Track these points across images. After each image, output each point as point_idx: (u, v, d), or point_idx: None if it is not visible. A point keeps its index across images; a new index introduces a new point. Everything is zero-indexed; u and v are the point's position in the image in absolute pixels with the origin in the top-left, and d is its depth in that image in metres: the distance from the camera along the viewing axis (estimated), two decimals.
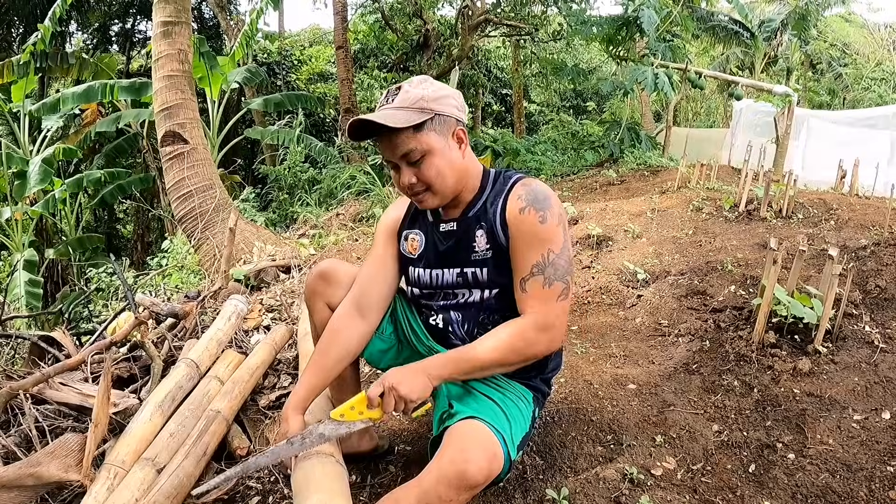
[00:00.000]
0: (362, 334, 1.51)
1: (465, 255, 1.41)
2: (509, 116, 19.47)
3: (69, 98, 8.73)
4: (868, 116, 9.91)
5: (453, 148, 1.36)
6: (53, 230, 10.47)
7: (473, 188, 1.42)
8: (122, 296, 5.02)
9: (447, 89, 1.36)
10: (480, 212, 1.40)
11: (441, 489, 1.15)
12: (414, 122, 1.29)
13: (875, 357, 2.01)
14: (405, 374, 1.29)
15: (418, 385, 1.28)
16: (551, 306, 1.32)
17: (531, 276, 1.32)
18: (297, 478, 1.35)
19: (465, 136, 1.38)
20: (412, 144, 1.31)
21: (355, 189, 7.87)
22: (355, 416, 1.30)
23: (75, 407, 1.96)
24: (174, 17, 4.68)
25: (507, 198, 1.37)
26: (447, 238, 1.44)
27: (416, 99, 1.31)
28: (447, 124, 1.34)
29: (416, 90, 1.33)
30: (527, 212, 1.33)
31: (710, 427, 1.78)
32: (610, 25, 9.52)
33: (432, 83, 1.36)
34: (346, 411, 1.30)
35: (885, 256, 2.93)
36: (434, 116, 1.32)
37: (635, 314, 2.83)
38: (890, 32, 20.81)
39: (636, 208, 4.87)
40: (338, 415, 1.30)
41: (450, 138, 1.35)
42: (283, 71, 14.83)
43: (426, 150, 1.31)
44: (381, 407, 1.30)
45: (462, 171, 1.38)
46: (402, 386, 1.26)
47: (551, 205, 1.33)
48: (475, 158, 1.45)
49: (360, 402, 1.30)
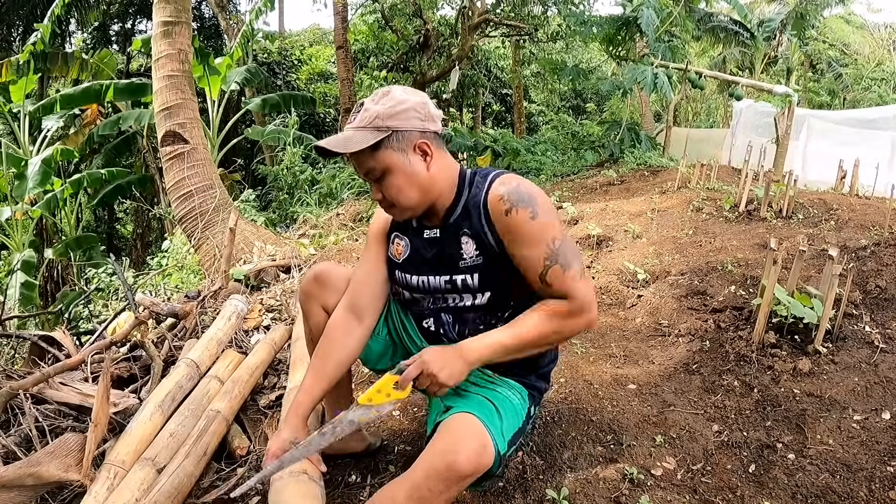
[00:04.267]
0: (360, 338, 1.51)
1: (452, 263, 1.40)
2: (509, 116, 19.48)
3: (66, 99, 8.74)
4: (868, 117, 9.91)
5: (415, 162, 1.33)
6: (53, 230, 10.46)
7: (449, 195, 1.39)
8: (122, 296, 5.03)
9: (408, 101, 1.32)
10: (462, 218, 1.38)
11: (431, 481, 1.16)
12: (368, 144, 1.28)
13: (875, 357, 2.02)
14: (445, 360, 1.27)
15: (457, 370, 1.27)
16: (579, 286, 1.31)
17: (548, 269, 1.31)
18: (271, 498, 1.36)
19: (430, 148, 1.34)
20: (371, 164, 1.31)
21: (355, 189, 7.87)
22: (383, 399, 1.28)
23: (75, 407, 1.97)
24: (174, 16, 4.68)
25: (487, 199, 1.33)
26: (431, 245, 1.43)
27: (373, 117, 1.29)
28: (407, 139, 1.31)
29: (374, 107, 1.30)
30: (514, 212, 1.30)
31: (710, 427, 1.78)
32: (610, 25, 9.52)
33: (392, 96, 1.32)
34: (373, 395, 1.28)
35: (885, 256, 2.93)
36: (391, 133, 1.29)
37: (635, 314, 2.83)
38: (890, 33, 20.83)
39: (636, 208, 4.87)
40: (366, 399, 1.28)
41: (411, 153, 1.32)
42: (283, 71, 14.83)
43: (385, 169, 1.31)
44: (408, 389, 1.28)
45: (427, 183, 1.34)
46: (442, 372, 1.25)
47: (535, 198, 1.31)
48: (448, 165, 1.40)
49: (385, 384, 1.28)
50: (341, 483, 1.66)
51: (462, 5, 13.11)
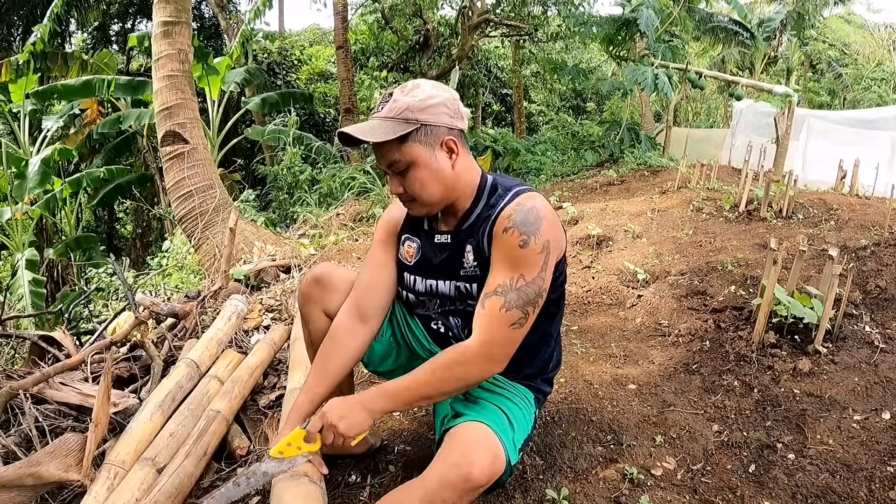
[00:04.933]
0: (363, 340, 1.49)
1: (457, 270, 1.39)
2: (509, 116, 19.47)
3: (66, 90, 8.73)
4: (868, 117, 9.91)
5: (441, 159, 1.31)
6: (53, 230, 10.46)
7: (469, 198, 1.38)
8: (122, 296, 5.03)
9: (439, 96, 1.30)
10: (474, 225, 1.36)
11: (445, 492, 1.16)
12: (396, 135, 1.26)
13: (875, 357, 2.02)
14: (345, 410, 1.27)
15: (358, 421, 1.27)
16: (501, 332, 1.26)
17: (493, 295, 1.27)
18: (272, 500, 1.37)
19: (456, 146, 1.32)
20: (396, 156, 1.28)
21: (355, 189, 7.87)
22: (294, 452, 1.30)
23: (75, 407, 1.97)
24: (174, 16, 4.69)
25: (500, 214, 1.30)
26: (441, 250, 1.42)
27: (403, 108, 1.27)
28: (435, 134, 1.29)
29: (404, 98, 1.28)
30: (510, 232, 1.26)
31: (710, 427, 1.78)
32: (610, 26, 9.52)
33: (423, 90, 1.30)
34: (283, 448, 1.30)
35: (885, 256, 2.93)
36: (420, 127, 1.27)
37: (635, 314, 2.83)
38: (890, 32, 20.83)
39: (636, 208, 4.87)
40: (276, 452, 1.30)
41: (437, 149, 1.30)
42: (283, 71, 14.83)
43: (410, 162, 1.29)
44: (318, 441, 1.29)
45: (451, 181, 1.33)
46: (342, 423, 1.25)
47: (539, 229, 1.26)
48: (472, 167, 1.38)
49: (296, 437, 1.30)
50: (341, 483, 1.66)
51: (462, 5, 13.11)
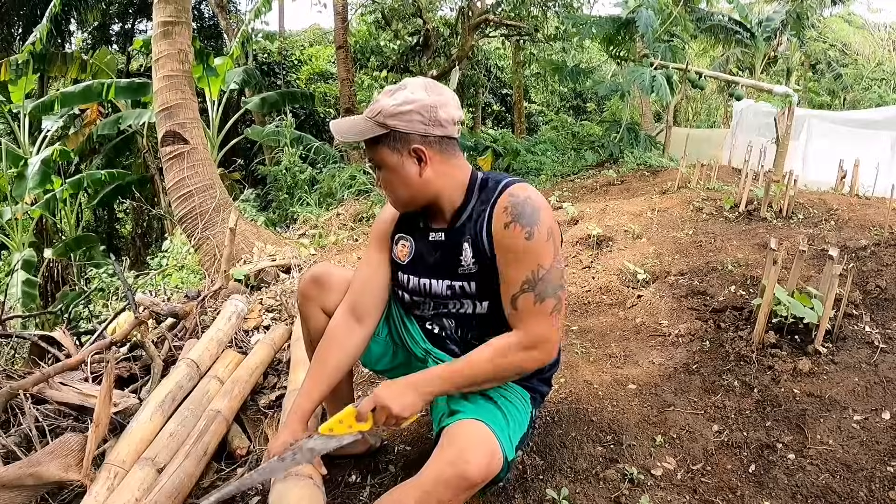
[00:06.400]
0: (360, 340, 1.50)
1: (453, 268, 1.38)
2: (509, 116, 19.47)
3: (67, 98, 8.73)
4: (868, 117, 9.90)
5: (408, 166, 1.31)
6: (53, 230, 10.46)
7: (459, 197, 1.38)
8: (122, 296, 5.02)
9: (416, 102, 1.28)
10: (468, 222, 1.36)
11: (441, 490, 1.16)
12: (364, 137, 1.30)
13: (875, 357, 2.02)
14: (396, 392, 1.28)
15: (409, 402, 1.27)
16: (545, 322, 1.28)
17: (522, 293, 1.28)
18: (272, 500, 1.36)
19: (426, 155, 1.30)
20: (370, 153, 1.35)
21: (355, 189, 7.87)
22: (344, 430, 1.30)
23: (75, 407, 1.97)
24: (174, 17, 4.69)
25: (494, 208, 1.31)
26: (435, 248, 1.42)
27: (377, 112, 1.30)
28: (404, 141, 1.29)
29: (383, 101, 1.30)
30: (512, 227, 1.27)
31: (710, 427, 1.78)
32: (609, 26, 9.52)
33: (403, 93, 1.30)
34: (334, 425, 1.30)
35: (885, 256, 2.93)
36: (389, 132, 1.29)
37: (635, 314, 2.83)
38: (890, 32, 20.82)
39: (636, 208, 4.87)
40: (327, 429, 1.30)
41: (405, 155, 1.30)
42: (283, 71, 14.83)
43: (379, 163, 1.34)
44: (370, 421, 1.29)
45: (418, 187, 1.33)
46: (393, 404, 1.26)
47: (539, 218, 1.27)
48: (452, 171, 1.36)
49: (348, 415, 1.30)
50: (341, 483, 1.66)
51: (462, 5, 13.11)
